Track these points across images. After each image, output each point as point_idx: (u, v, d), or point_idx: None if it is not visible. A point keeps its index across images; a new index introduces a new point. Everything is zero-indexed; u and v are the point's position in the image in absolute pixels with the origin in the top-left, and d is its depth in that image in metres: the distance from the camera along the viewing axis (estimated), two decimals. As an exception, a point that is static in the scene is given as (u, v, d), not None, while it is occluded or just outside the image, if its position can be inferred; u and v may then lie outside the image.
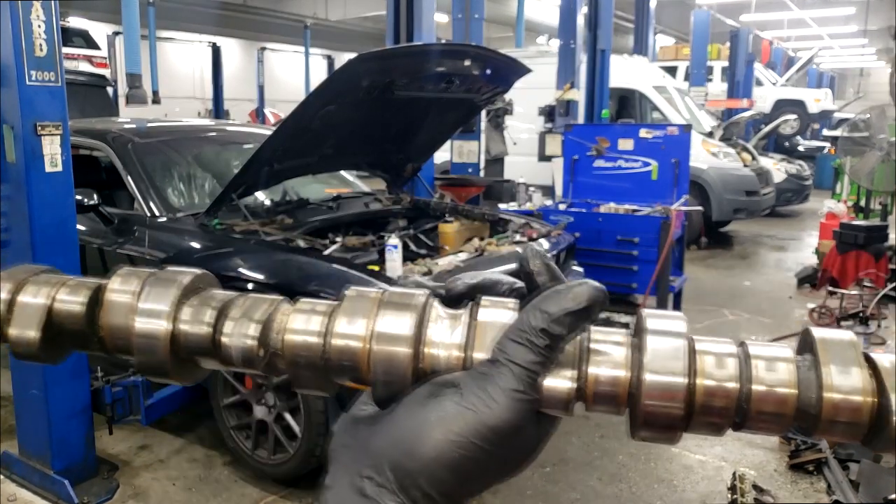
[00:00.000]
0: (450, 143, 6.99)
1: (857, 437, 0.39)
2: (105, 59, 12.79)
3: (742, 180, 9.61)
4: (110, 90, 10.97)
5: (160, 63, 11.95)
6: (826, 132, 16.76)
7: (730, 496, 2.96)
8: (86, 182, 3.62)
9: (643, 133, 5.83)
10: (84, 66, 11.95)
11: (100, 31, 13.80)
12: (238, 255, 3.33)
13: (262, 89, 16.62)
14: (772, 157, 12.15)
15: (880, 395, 0.38)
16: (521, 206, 5.94)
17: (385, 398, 0.42)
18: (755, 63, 16.22)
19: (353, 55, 3.46)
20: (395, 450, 0.39)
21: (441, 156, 6.93)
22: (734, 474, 3.06)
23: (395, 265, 3.24)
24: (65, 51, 3.18)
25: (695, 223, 8.67)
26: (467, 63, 3.97)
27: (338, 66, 3.82)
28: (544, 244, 4.03)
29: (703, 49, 13.92)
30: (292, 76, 21.92)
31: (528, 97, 7.93)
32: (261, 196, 4.15)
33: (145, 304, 0.46)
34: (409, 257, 3.61)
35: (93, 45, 12.96)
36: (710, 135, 10.22)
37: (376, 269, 3.25)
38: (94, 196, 3.58)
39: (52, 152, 2.94)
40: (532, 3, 16.02)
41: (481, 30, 7.77)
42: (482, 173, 7.71)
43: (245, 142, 4.72)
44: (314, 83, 7.67)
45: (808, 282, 7.32)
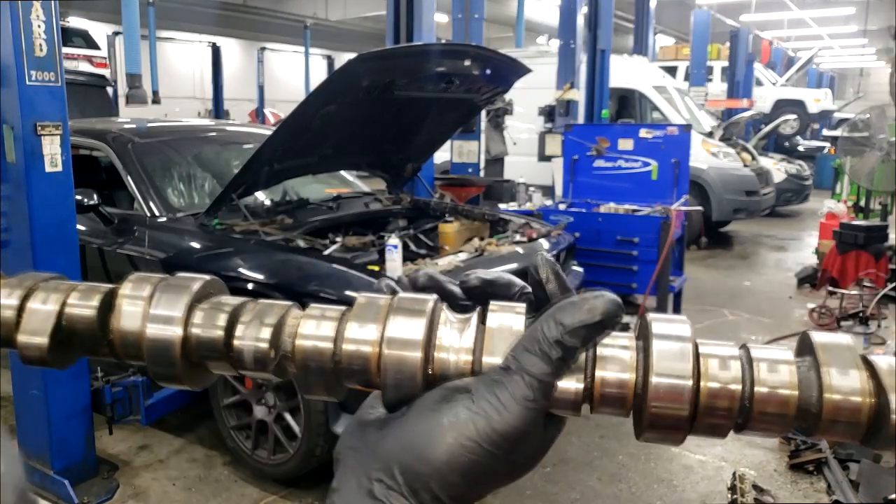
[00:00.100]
0: (450, 143, 6.99)
1: (857, 436, 0.40)
2: (105, 59, 12.80)
3: (742, 180, 9.61)
4: (110, 90, 10.98)
5: (160, 63, 11.94)
6: (826, 132, 16.76)
7: (730, 496, 2.96)
8: (86, 182, 3.62)
9: (643, 133, 5.83)
10: (84, 66, 11.95)
11: (100, 31, 13.80)
12: (238, 255, 3.33)
13: (262, 89, 16.62)
14: (772, 157, 12.15)
15: (878, 395, 0.39)
16: (521, 206, 5.94)
17: (395, 402, 0.43)
18: (755, 63, 16.22)
19: (353, 55, 3.45)
20: (406, 453, 0.40)
21: (441, 156, 6.93)
22: (734, 474, 3.06)
23: (395, 265, 3.24)
24: (65, 51, 3.18)
25: (695, 223, 8.67)
26: (467, 63, 3.97)
27: (338, 66, 3.82)
28: (544, 244, 4.03)
29: (703, 49, 13.92)
30: (292, 76, 21.92)
31: (528, 97, 7.93)
32: (261, 196, 4.15)
33: (157, 309, 0.46)
34: (409, 257, 3.61)
35: (93, 45, 12.96)
36: (710, 135, 10.22)
37: (376, 269, 3.25)
38: (94, 196, 3.58)
39: (52, 152, 2.94)
40: (532, 3, 16.02)
41: (481, 30, 7.77)
42: (482, 173, 7.71)
43: (245, 142, 4.72)
44: (314, 83, 7.67)
45: (808, 282, 7.32)
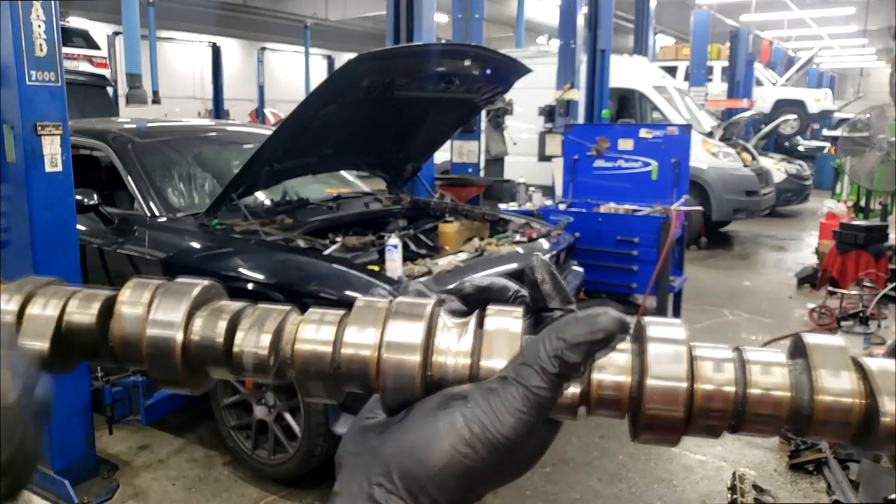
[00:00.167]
0: (450, 143, 6.99)
1: (848, 437, 0.41)
2: (105, 59, 12.80)
3: (742, 180, 9.61)
4: (110, 90, 10.98)
5: (160, 63, 11.95)
6: (826, 132, 16.77)
7: (730, 496, 2.96)
8: (86, 182, 3.63)
9: (643, 133, 5.83)
10: (84, 66, 11.96)
11: (100, 31, 13.80)
12: (238, 255, 3.33)
13: (262, 89, 16.62)
14: (772, 157, 12.15)
15: (869, 397, 0.40)
16: (521, 206, 5.94)
17: (395, 405, 0.43)
18: (755, 63, 16.22)
19: (353, 55, 3.45)
20: (405, 457, 0.40)
21: (441, 156, 6.93)
22: (734, 474, 3.06)
23: (395, 265, 3.24)
24: (65, 51, 3.18)
25: (695, 223, 8.67)
26: (467, 63, 3.97)
27: (338, 66, 3.82)
28: (544, 244, 4.03)
29: (703, 49, 13.92)
30: (292, 76, 21.92)
31: (528, 97, 7.92)
32: (261, 196, 4.15)
33: (157, 314, 0.46)
34: (409, 257, 3.61)
35: (93, 45, 12.96)
36: (710, 135, 10.22)
37: (376, 269, 3.25)
38: (94, 196, 3.58)
39: (52, 152, 2.94)
40: (532, 3, 16.02)
41: (481, 30, 7.77)
42: (482, 173, 7.71)
43: (245, 142, 4.72)
44: (314, 83, 7.68)
45: (808, 282, 7.32)
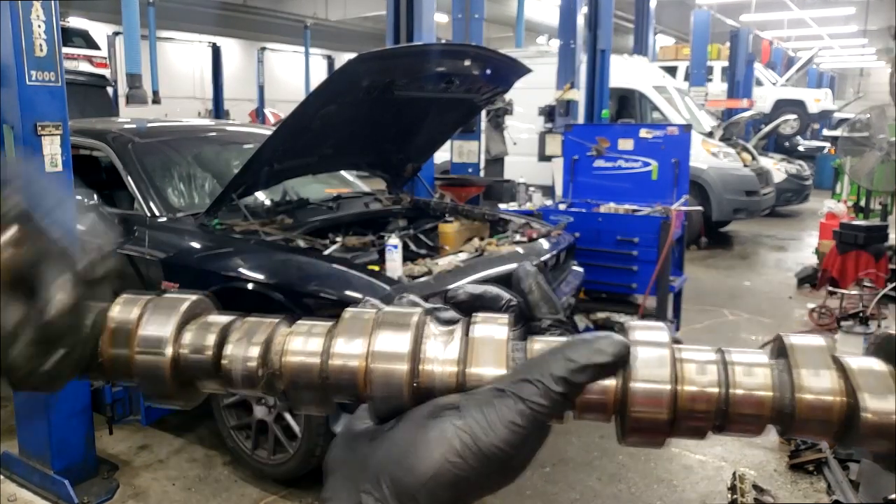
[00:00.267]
0: (450, 143, 6.99)
1: (830, 434, 0.41)
2: (105, 59, 12.79)
3: (742, 180, 9.61)
4: (110, 90, 10.97)
5: (160, 63, 11.94)
6: (826, 132, 16.76)
7: (730, 496, 2.96)
8: (86, 182, 3.63)
9: (643, 133, 5.82)
10: (84, 66, 11.96)
11: (100, 31, 13.80)
12: (238, 255, 3.33)
13: (262, 89, 16.62)
14: (772, 157, 12.15)
15: (849, 394, 0.40)
16: (521, 206, 5.93)
17: (383, 414, 0.44)
18: (755, 63, 16.22)
19: (353, 55, 3.45)
20: (395, 466, 0.40)
21: (441, 156, 6.93)
22: (734, 474, 3.06)
23: (395, 265, 3.24)
24: (65, 51, 3.18)
25: (695, 223, 8.66)
26: (467, 63, 3.97)
27: (338, 66, 3.82)
28: (544, 244, 4.03)
29: (703, 49, 13.92)
30: (292, 76, 21.92)
31: (528, 97, 7.92)
32: (261, 196, 4.15)
33: (146, 330, 0.47)
34: (409, 257, 3.61)
35: (93, 45, 12.96)
36: (710, 135, 10.22)
37: (376, 269, 3.25)
38: (94, 196, 3.58)
39: (52, 152, 2.94)
40: (532, 3, 16.02)
41: (481, 30, 7.77)
42: (482, 173, 7.71)
43: (245, 142, 4.72)
44: (314, 83, 7.67)
45: (808, 282, 7.32)
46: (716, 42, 16.12)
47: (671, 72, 13.70)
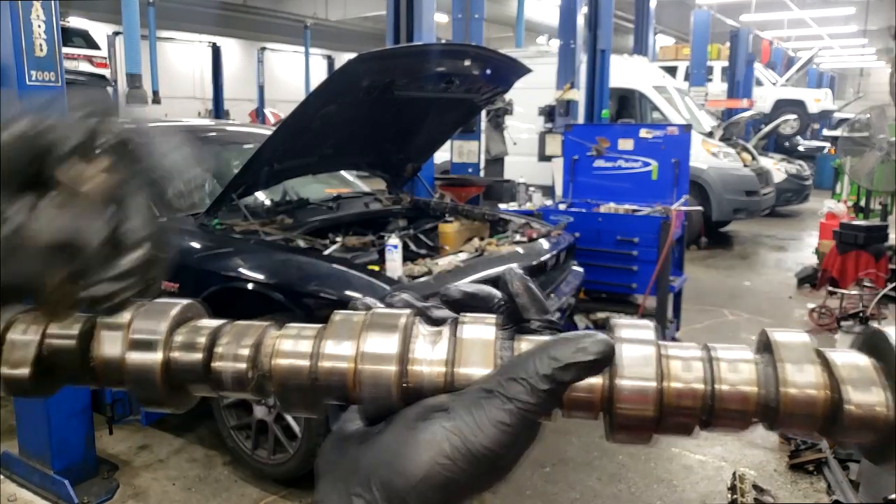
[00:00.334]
0: (450, 143, 6.99)
1: (815, 428, 0.42)
2: (105, 59, 12.80)
3: (742, 180, 9.61)
4: (110, 90, 10.98)
5: (160, 63, 11.95)
6: (826, 132, 16.78)
7: (730, 496, 2.96)
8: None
9: (643, 133, 5.82)
10: (84, 66, 11.97)
11: (100, 31, 13.80)
12: (238, 255, 3.33)
13: (262, 89, 16.62)
14: (772, 157, 12.15)
15: (833, 388, 0.41)
16: (521, 206, 5.93)
17: (373, 415, 0.44)
18: (755, 63, 16.23)
19: (353, 55, 3.45)
20: (384, 468, 0.40)
21: (441, 156, 6.93)
22: (734, 474, 3.06)
23: (395, 265, 3.24)
24: (65, 51, 3.18)
25: (695, 223, 8.66)
26: (467, 63, 3.97)
27: (338, 66, 3.82)
28: (544, 244, 4.03)
29: (703, 49, 13.93)
30: (292, 76, 21.92)
31: (528, 97, 7.92)
32: (261, 196, 4.15)
33: (137, 336, 0.47)
34: (409, 257, 3.61)
35: (93, 45, 12.96)
36: (710, 135, 10.22)
37: (376, 269, 3.25)
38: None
39: (52, 152, 2.94)
40: (532, 3, 16.03)
41: (481, 30, 7.77)
42: (482, 173, 7.71)
43: (245, 142, 4.72)
44: (314, 83, 7.67)
45: (808, 282, 7.32)
46: (716, 42, 16.13)
47: (671, 72, 13.70)
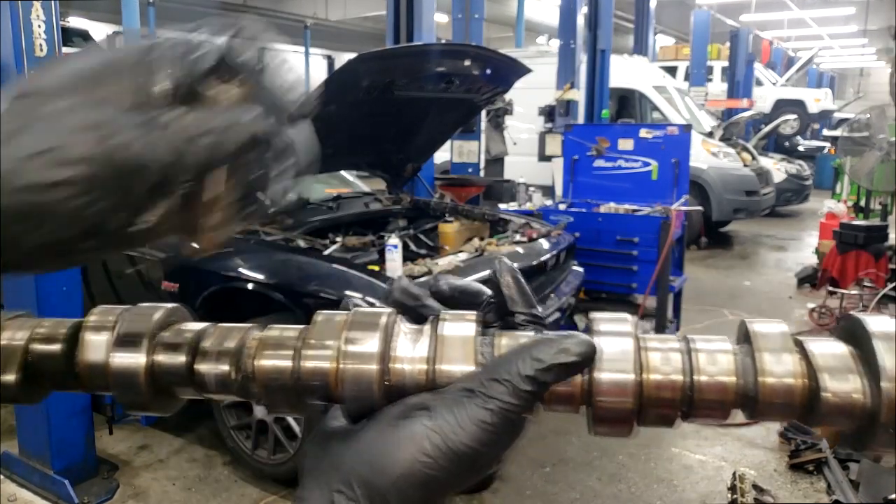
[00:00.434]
0: (450, 143, 6.98)
1: (794, 416, 0.42)
2: (105, 59, 12.78)
3: (742, 180, 9.61)
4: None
5: (160, 63, 11.92)
6: (826, 132, 16.78)
7: (730, 496, 2.96)
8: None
9: (643, 133, 5.82)
10: (84, 66, 11.94)
11: (100, 32, 13.80)
12: (238, 255, 3.33)
13: (262, 89, 16.60)
14: (772, 157, 12.15)
15: (811, 376, 0.41)
16: (521, 206, 5.93)
17: (356, 413, 0.44)
18: (755, 63, 16.23)
19: (353, 55, 3.46)
20: (365, 466, 0.41)
21: (441, 156, 6.93)
22: (734, 474, 3.06)
23: (395, 265, 3.25)
24: (65, 51, 3.18)
25: (695, 223, 8.67)
26: (467, 63, 3.97)
27: (338, 66, 3.82)
28: (544, 244, 4.03)
29: (703, 49, 13.93)
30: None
31: (528, 97, 7.92)
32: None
33: (120, 339, 0.47)
34: (409, 257, 3.61)
35: (93, 45, 12.95)
36: (710, 135, 10.22)
37: (376, 269, 3.25)
38: None
39: (52, 152, 2.94)
40: (532, 3, 16.04)
41: (481, 30, 7.77)
42: (482, 173, 7.71)
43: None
44: (314, 83, 7.67)
45: (808, 282, 7.32)
46: (716, 42, 16.13)
47: (671, 72, 13.71)
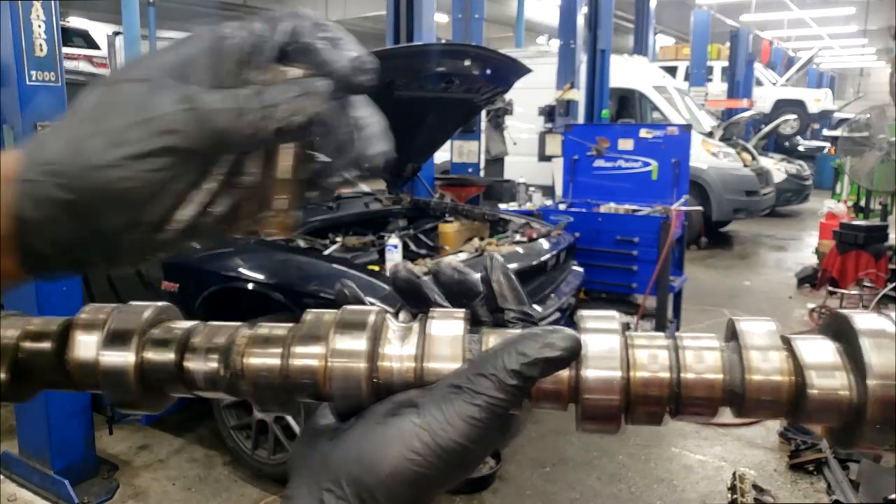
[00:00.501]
0: (450, 143, 6.98)
1: (781, 413, 0.42)
2: (105, 59, 12.79)
3: (742, 180, 9.62)
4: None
5: (160, 63, 11.91)
6: (826, 132, 16.78)
7: (730, 496, 2.97)
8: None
9: (643, 133, 5.82)
10: (84, 66, 11.95)
11: (100, 31, 13.79)
12: (238, 255, 3.33)
13: (262, 89, 16.60)
14: (772, 157, 12.16)
15: (797, 374, 0.41)
16: (521, 206, 5.94)
17: (344, 411, 0.44)
18: (755, 63, 16.23)
19: (353, 55, 3.45)
20: (354, 464, 0.41)
21: (441, 156, 6.93)
22: (734, 474, 3.07)
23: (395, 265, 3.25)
24: (65, 51, 3.18)
25: (695, 223, 8.67)
26: (467, 63, 3.97)
27: (338, 66, 3.81)
28: (544, 244, 4.03)
29: (703, 49, 13.93)
30: (292, 76, 21.90)
31: (528, 97, 7.92)
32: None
33: (110, 337, 0.47)
34: (409, 257, 3.61)
35: (93, 45, 12.96)
36: (710, 135, 10.22)
37: (376, 269, 3.25)
38: None
39: (53, 152, 2.93)
40: (532, 3, 16.04)
41: (481, 30, 7.77)
42: (482, 173, 7.71)
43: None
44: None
45: (808, 282, 7.32)
46: (716, 42, 16.13)
47: (671, 72, 13.71)
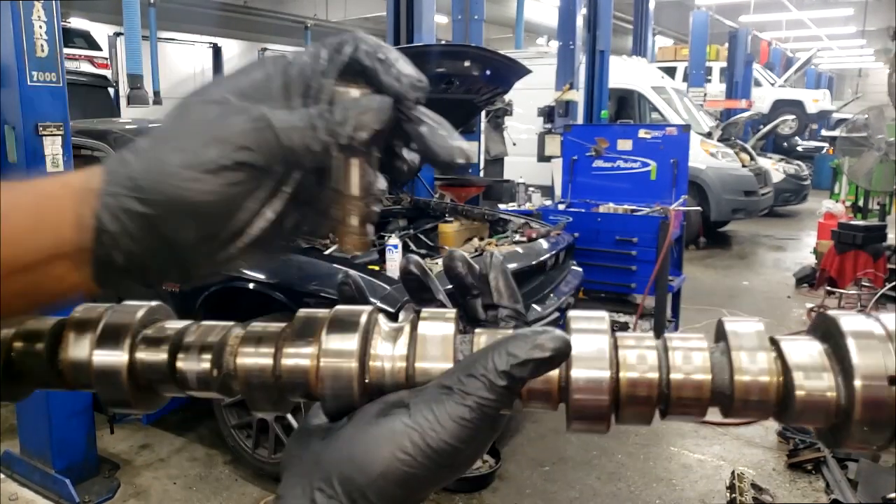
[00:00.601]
0: (449, 143, 6.98)
1: (769, 413, 0.42)
2: (106, 59, 12.80)
3: (740, 180, 9.62)
4: (112, 91, 10.98)
5: (161, 64, 11.95)
6: (824, 132, 16.78)
7: (728, 495, 2.98)
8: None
9: (642, 133, 5.83)
10: (85, 67, 11.95)
11: (101, 32, 13.80)
12: (239, 255, 3.33)
13: (262, 90, 16.58)
14: (770, 158, 12.17)
15: (785, 374, 0.42)
16: (520, 206, 5.95)
17: (335, 411, 0.44)
18: (754, 64, 16.23)
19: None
20: (345, 464, 0.41)
21: (441, 156, 6.92)
22: (733, 473, 3.08)
23: (395, 265, 3.26)
24: (66, 51, 3.19)
25: (693, 223, 8.68)
26: (467, 64, 3.98)
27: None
28: (543, 244, 4.05)
29: (702, 50, 13.94)
30: (292, 77, 21.86)
31: (528, 98, 7.93)
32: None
33: (103, 336, 0.48)
34: (408, 257, 3.61)
35: (94, 45, 12.96)
36: (709, 135, 10.23)
37: (376, 269, 3.26)
38: None
39: (54, 153, 2.95)
40: (532, 4, 16.03)
41: (481, 31, 7.78)
42: (482, 173, 7.72)
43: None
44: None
45: (807, 281, 7.33)
46: (714, 43, 16.14)
47: (670, 72, 13.71)
